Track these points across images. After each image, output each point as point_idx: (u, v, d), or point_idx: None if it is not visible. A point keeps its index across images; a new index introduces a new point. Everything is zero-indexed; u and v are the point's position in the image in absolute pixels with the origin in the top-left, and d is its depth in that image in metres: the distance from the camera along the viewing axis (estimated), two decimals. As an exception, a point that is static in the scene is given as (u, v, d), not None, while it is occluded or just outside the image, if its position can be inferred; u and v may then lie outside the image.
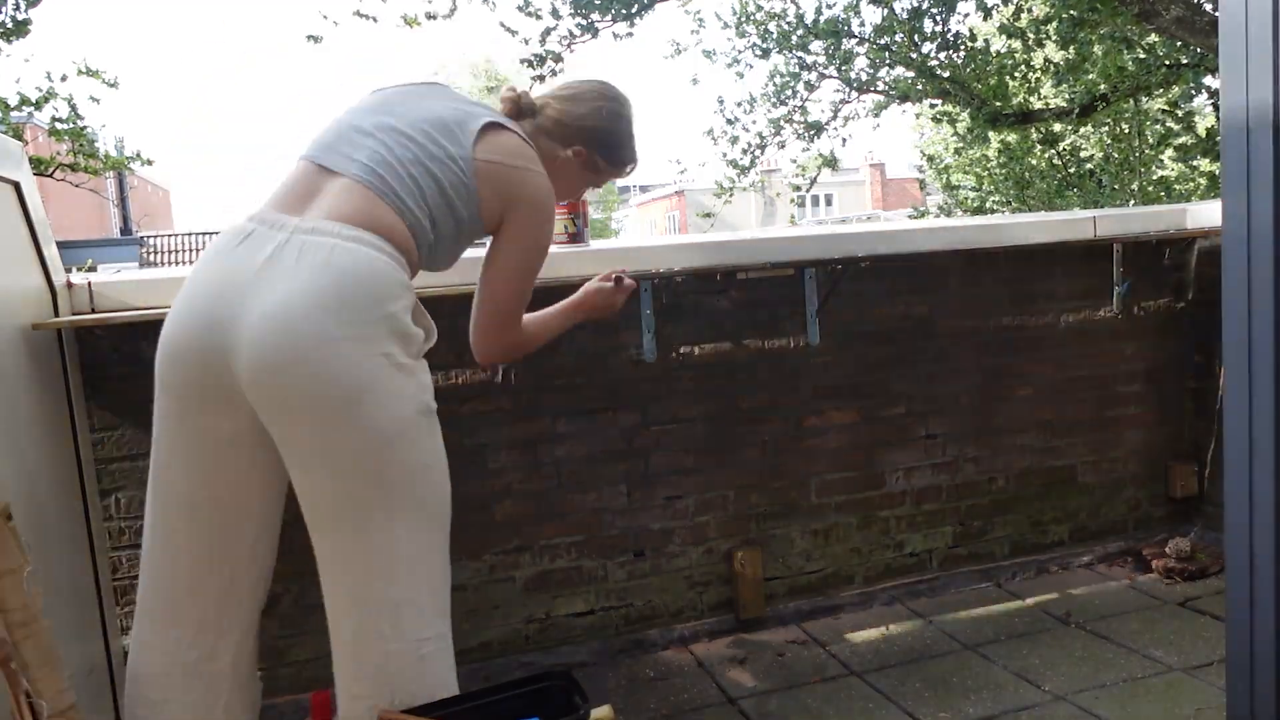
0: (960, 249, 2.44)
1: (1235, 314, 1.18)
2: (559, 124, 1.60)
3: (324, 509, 1.33)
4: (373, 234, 1.32)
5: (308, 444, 1.29)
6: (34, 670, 1.31)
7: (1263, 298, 1.15)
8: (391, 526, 1.32)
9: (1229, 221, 1.18)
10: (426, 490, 1.39)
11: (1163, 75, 7.14)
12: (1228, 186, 1.17)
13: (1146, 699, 1.92)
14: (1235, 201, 1.16)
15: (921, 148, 14.00)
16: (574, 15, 7.56)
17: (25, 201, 1.72)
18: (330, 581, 1.36)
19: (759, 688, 2.09)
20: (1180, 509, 2.77)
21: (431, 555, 1.41)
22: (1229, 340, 1.20)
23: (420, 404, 1.36)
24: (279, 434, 1.30)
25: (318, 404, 1.26)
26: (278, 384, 1.25)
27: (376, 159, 1.36)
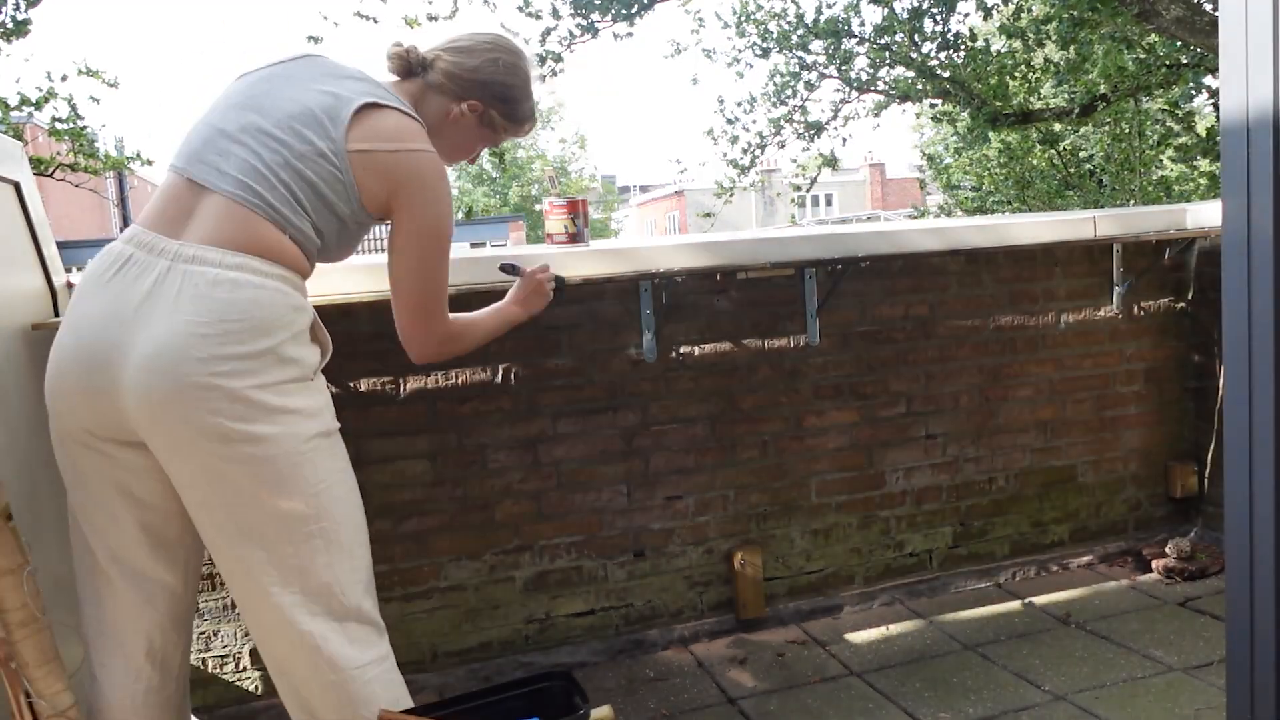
0: (960, 249, 2.44)
1: (1235, 313, 1.18)
2: (451, 77, 1.48)
3: (225, 552, 1.29)
4: (257, 258, 1.27)
5: (198, 484, 1.26)
6: (33, 670, 1.31)
7: (1263, 297, 1.15)
8: (300, 563, 1.28)
9: (1229, 221, 1.18)
10: (331, 518, 1.31)
11: (1163, 75, 7.14)
12: (1227, 186, 1.17)
13: (1147, 699, 1.92)
14: (1235, 201, 1.16)
15: (921, 147, 14.00)
16: (574, 15, 7.56)
17: (25, 201, 1.72)
18: (250, 623, 1.34)
19: (759, 688, 2.09)
20: (1180, 509, 2.77)
21: (351, 581, 1.33)
22: (1229, 340, 1.20)
23: (315, 429, 1.30)
24: (172, 474, 1.27)
25: (202, 443, 1.22)
26: (163, 424, 1.22)
27: (247, 170, 1.29)
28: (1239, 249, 1.17)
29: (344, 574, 1.32)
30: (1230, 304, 1.19)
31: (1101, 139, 10.39)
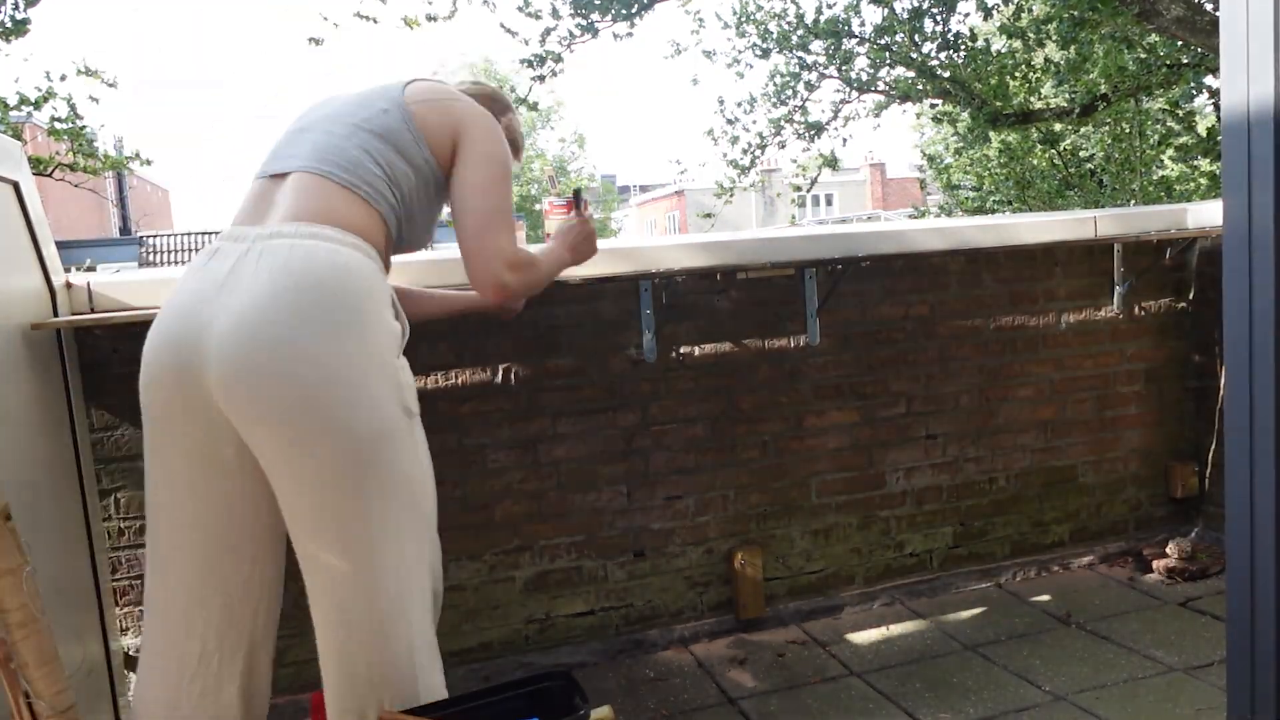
0: (961, 249, 2.43)
1: (1236, 313, 1.18)
2: (487, 99, 1.66)
3: (303, 521, 1.26)
4: (331, 227, 1.28)
5: (280, 453, 1.23)
6: (33, 670, 1.31)
7: (1264, 297, 1.15)
8: (372, 538, 1.25)
9: (1230, 220, 1.18)
10: (407, 498, 1.29)
11: (1163, 75, 7.13)
12: (1228, 184, 1.17)
13: (1147, 699, 1.92)
14: (1236, 200, 1.16)
15: (922, 147, 13.99)
16: (574, 15, 7.55)
17: (24, 201, 1.71)
18: (315, 595, 1.30)
19: (759, 688, 2.09)
20: (1181, 509, 2.77)
21: (417, 565, 1.32)
22: (1230, 340, 1.19)
23: (400, 404, 1.29)
24: (255, 446, 1.24)
25: (285, 408, 1.20)
26: (244, 393, 1.20)
27: (318, 146, 1.37)
28: (1240, 248, 1.17)
29: (410, 560, 1.30)
30: (1231, 304, 1.19)
31: (1102, 139, 10.39)
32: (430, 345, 2.13)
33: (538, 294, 1.64)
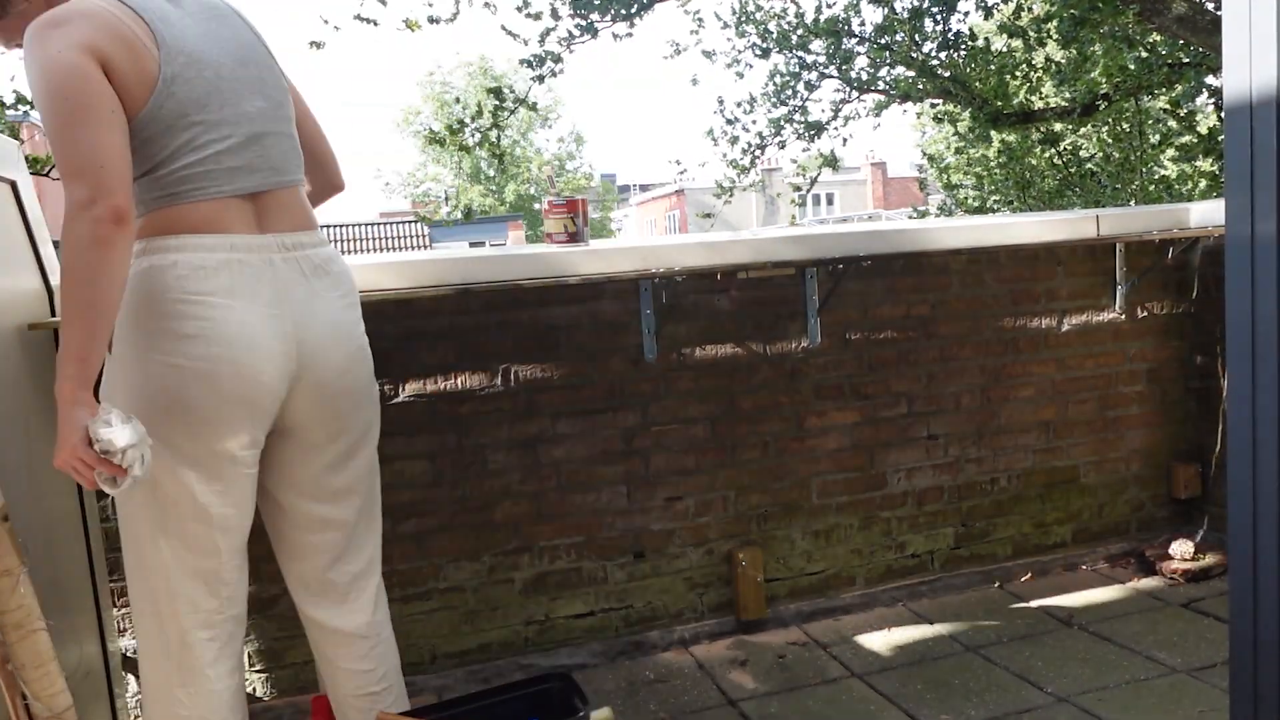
0: (962, 248, 2.43)
1: (1239, 313, 1.17)
2: None
3: (364, 480, 1.54)
4: (318, 231, 1.48)
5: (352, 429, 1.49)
6: (30, 672, 1.30)
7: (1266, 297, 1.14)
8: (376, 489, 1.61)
9: (1232, 220, 1.17)
10: None
11: (1164, 75, 7.12)
12: (1230, 179, 1.16)
13: (1149, 701, 1.91)
14: (1238, 200, 1.15)
15: (922, 147, 13.98)
16: (573, 16, 7.54)
17: (21, 200, 1.71)
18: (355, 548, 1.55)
19: (760, 690, 2.08)
20: (1183, 510, 2.76)
21: None
22: (1232, 340, 1.19)
23: None
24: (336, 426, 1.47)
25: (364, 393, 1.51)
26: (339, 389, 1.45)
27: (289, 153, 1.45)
28: (1242, 248, 1.16)
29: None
30: (1233, 304, 1.18)
31: (1102, 139, 10.38)
32: (430, 345, 2.12)
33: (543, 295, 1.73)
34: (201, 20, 1.34)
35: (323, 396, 1.42)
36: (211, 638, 1.41)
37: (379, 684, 1.56)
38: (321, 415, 1.43)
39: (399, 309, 2.07)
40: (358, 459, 1.52)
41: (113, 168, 1.20)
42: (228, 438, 1.33)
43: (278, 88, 1.41)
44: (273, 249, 1.35)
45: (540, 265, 2.04)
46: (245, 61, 1.37)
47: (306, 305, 1.37)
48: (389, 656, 1.59)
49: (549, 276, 2.03)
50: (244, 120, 1.34)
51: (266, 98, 1.38)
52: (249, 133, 1.34)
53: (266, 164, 1.36)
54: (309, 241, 1.40)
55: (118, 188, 1.20)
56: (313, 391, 1.40)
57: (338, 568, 1.53)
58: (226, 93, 1.32)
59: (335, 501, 1.50)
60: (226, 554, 1.40)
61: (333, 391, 1.43)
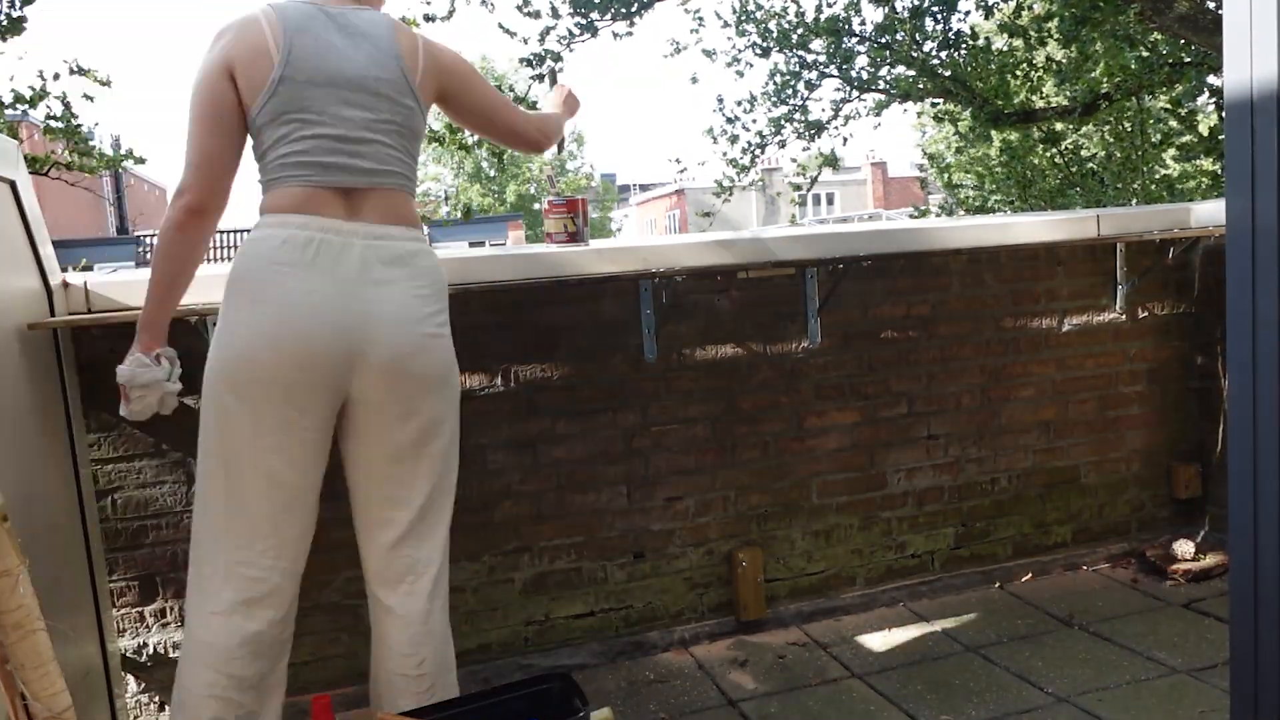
0: (962, 248, 2.42)
1: (1239, 313, 1.17)
2: None
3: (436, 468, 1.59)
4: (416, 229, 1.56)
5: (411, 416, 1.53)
6: (29, 673, 1.30)
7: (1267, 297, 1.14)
8: (449, 487, 1.65)
9: (1233, 220, 1.17)
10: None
11: (1165, 74, 7.11)
12: (1231, 178, 1.16)
13: (1150, 701, 1.91)
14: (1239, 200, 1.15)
15: (923, 146, 13.97)
16: (573, 14, 7.54)
17: (21, 200, 1.70)
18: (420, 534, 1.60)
19: (760, 690, 2.08)
20: (1184, 510, 2.76)
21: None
22: (1233, 340, 1.18)
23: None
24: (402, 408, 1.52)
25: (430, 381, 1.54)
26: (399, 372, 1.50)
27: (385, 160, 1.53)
28: (1243, 247, 1.16)
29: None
30: (1234, 304, 1.18)
31: (1103, 138, 10.37)
32: (429, 345, 2.12)
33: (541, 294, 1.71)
34: (340, 37, 1.51)
35: (387, 376, 1.49)
36: (252, 578, 1.49)
37: (417, 669, 1.61)
38: (388, 395, 1.50)
39: (399, 309, 2.07)
40: (430, 446, 1.57)
41: (206, 168, 1.47)
42: (285, 398, 1.45)
43: (395, 104, 1.53)
44: (358, 234, 1.47)
45: (540, 265, 2.04)
46: (363, 77, 1.51)
47: (377, 289, 1.47)
48: (437, 649, 1.64)
49: (549, 276, 2.03)
50: (342, 124, 1.48)
51: (374, 110, 1.50)
52: (341, 134, 1.48)
53: (358, 166, 1.49)
54: (397, 234, 1.51)
55: (204, 186, 1.47)
56: (376, 369, 1.48)
57: (400, 549, 1.59)
58: (333, 100, 1.48)
59: (405, 483, 1.57)
60: (275, 505, 1.49)
61: (397, 373, 1.49)
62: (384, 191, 1.52)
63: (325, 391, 1.47)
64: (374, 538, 1.60)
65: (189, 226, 1.47)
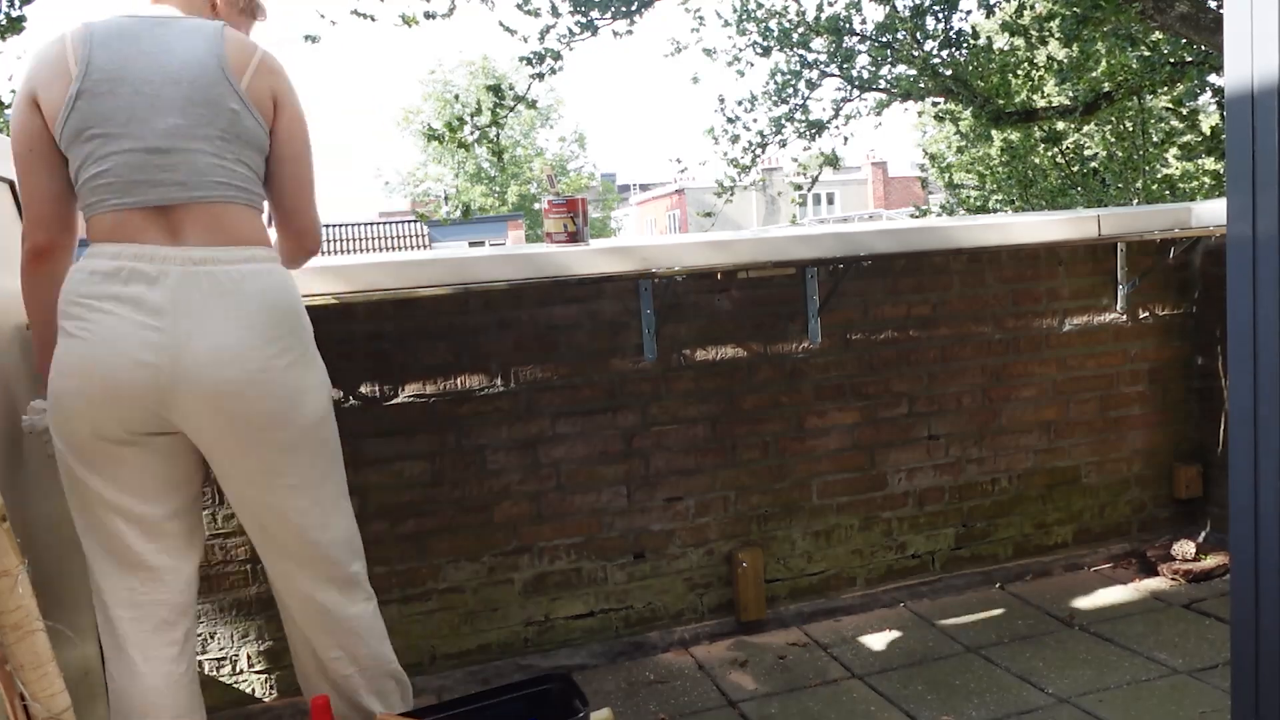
0: (963, 248, 2.42)
1: (1240, 313, 1.17)
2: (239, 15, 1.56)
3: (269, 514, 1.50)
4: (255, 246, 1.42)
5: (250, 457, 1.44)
6: (28, 673, 1.29)
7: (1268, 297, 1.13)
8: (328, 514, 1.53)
9: (1233, 219, 1.16)
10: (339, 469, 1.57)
11: (1167, 73, 7.10)
12: (1232, 178, 1.15)
13: (1151, 702, 1.91)
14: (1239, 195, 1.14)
15: (924, 146, 13.96)
16: (573, 13, 7.54)
17: (20, 200, 1.70)
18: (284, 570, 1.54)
19: (760, 691, 2.08)
20: (1185, 510, 2.76)
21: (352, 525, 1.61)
22: (1234, 340, 1.18)
23: (328, 388, 1.53)
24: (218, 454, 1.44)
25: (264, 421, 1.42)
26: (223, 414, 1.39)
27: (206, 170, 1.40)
28: (1244, 247, 1.16)
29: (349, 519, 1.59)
30: (1235, 303, 1.18)
31: (1105, 138, 10.36)
32: (429, 345, 2.12)
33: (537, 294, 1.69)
34: (150, 43, 1.38)
35: (211, 416, 1.39)
36: (135, 618, 1.47)
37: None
38: (219, 435, 1.42)
39: (398, 309, 2.07)
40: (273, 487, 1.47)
41: (38, 208, 1.41)
42: (99, 429, 1.40)
43: (217, 108, 1.37)
44: (174, 260, 1.35)
45: (540, 265, 2.04)
46: (177, 80, 1.36)
47: (191, 322, 1.35)
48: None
49: (549, 276, 2.03)
50: (152, 135, 1.35)
51: (187, 115, 1.36)
52: (154, 145, 1.35)
53: (173, 179, 1.36)
54: (224, 256, 1.37)
55: (36, 227, 1.42)
56: (196, 405, 1.38)
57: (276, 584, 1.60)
58: (141, 108, 1.35)
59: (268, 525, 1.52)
60: (134, 537, 1.45)
61: (222, 413, 1.39)
62: (206, 206, 1.37)
63: (145, 425, 1.40)
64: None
65: (38, 270, 1.43)
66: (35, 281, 1.44)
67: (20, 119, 1.37)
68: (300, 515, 1.49)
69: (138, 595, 1.47)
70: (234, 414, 1.39)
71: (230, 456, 1.44)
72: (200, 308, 1.35)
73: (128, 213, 1.36)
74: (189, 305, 1.35)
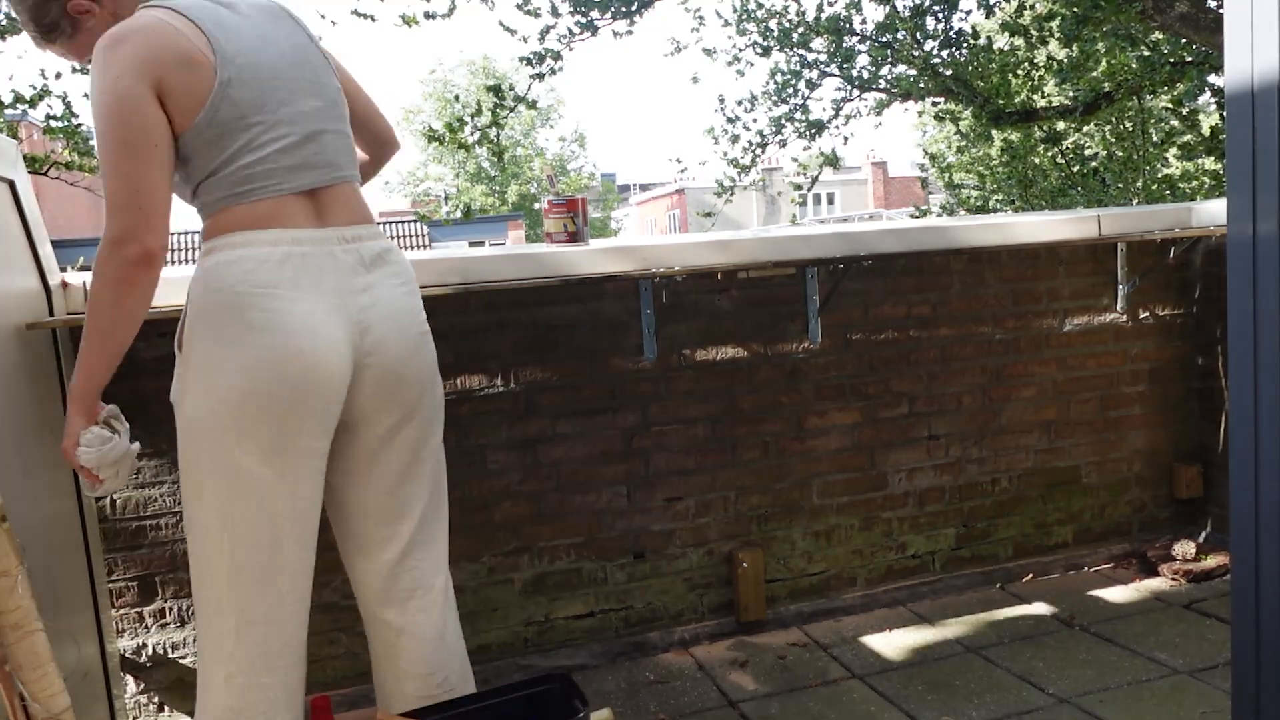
0: (963, 248, 2.42)
1: (1240, 314, 1.16)
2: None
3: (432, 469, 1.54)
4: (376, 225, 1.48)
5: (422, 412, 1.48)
6: (28, 673, 1.30)
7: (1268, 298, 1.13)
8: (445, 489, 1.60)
9: (1233, 216, 1.16)
10: None
11: (1167, 73, 7.10)
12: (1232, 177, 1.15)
13: (1151, 702, 1.90)
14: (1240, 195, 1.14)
15: (924, 146, 13.96)
16: (573, 13, 7.53)
17: (20, 200, 1.70)
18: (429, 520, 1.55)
19: (760, 691, 2.07)
20: (1185, 510, 2.75)
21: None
22: (1234, 341, 1.18)
23: None
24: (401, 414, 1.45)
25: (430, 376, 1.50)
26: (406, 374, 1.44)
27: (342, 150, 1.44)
28: (1244, 247, 1.15)
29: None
30: (1235, 303, 1.17)
31: (1105, 137, 10.36)
32: (429, 345, 2.12)
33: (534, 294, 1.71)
34: (256, 23, 1.37)
35: (388, 383, 1.41)
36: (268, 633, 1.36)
37: (440, 687, 1.54)
38: (387, 403, 1.43)
39: (398, 309, 2.07)
40: (426, 447, 1.51)
41: (151, 208, 1.26)
42: (301, 427, 1.33)
43: (331, 87, 1.43)
44: (333, 241, 1.37)
45: (540, 265, 2.04)
46: (299, 63, 1.39)
47: (369, 294, 1.38)
48: (460, 662, 1.58)
49: (549, 276, 2.03)
50: (301, 119, 1.37)
51: (322, 97, 1.40)
52: (306, 131, 1.37)
53: (323, 160, 1.39)
54: (367, 234, 1.42)
55: (152, 229, 1.26)
56: (378, 378, 1.40)
57: (405, 563, 1.50)
58: (282, 93, 1.35)
59: (406, 492, 1.49)
60: (290, 545, 1.36)
61: (397, 378, 1.42)
62: (345, 187, 1.41)
63: (335, 414, 1.38)
64: (373, 557, 1.49)
65: (145, 279, 1.27)
66: (140, 293, 1.28)
67: (147, 109, 1.26)
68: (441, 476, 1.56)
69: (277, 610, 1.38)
70: (405, 378, 1.43)
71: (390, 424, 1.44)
72: (366, 280, 1.38)
73: (283, 198, 1.34)
74: (356, 279, 1.37)
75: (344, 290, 1.36)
